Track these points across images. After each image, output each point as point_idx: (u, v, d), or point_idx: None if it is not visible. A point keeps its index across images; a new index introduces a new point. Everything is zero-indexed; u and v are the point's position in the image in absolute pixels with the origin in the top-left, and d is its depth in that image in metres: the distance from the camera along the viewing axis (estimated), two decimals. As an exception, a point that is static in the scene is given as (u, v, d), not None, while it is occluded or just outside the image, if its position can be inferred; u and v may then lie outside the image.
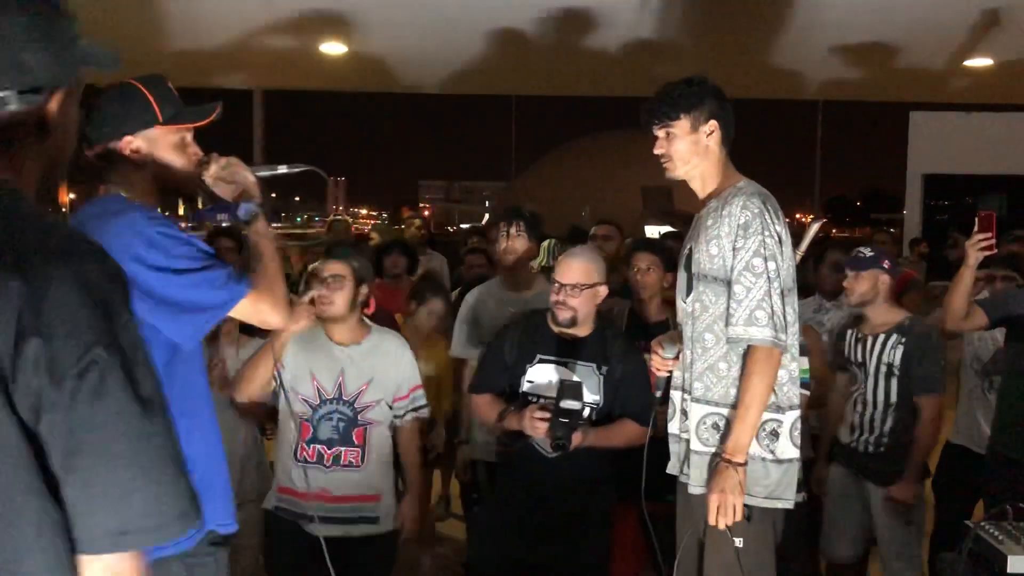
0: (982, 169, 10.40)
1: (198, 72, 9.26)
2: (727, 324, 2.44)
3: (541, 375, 3.09)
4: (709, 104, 2.56)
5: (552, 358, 3.08)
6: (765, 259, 2.40)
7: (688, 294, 2.58)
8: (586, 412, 3.03)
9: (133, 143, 2.05)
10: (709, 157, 2.58)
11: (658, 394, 2.78)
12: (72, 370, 1.03)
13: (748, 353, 2.44)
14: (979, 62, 8.26)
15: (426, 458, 4.09)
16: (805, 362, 3.46)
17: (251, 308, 2.01)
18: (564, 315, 3.06)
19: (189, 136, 2.13)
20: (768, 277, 2.40)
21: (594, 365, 3.08)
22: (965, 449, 4.05)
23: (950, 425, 4.28)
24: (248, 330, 3.91)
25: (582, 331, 3.11)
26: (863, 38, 7.54)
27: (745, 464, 2.43)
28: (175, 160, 2.09)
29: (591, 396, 3.05)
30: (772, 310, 2.39)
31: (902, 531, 3.63)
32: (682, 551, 2.65)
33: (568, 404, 2.84)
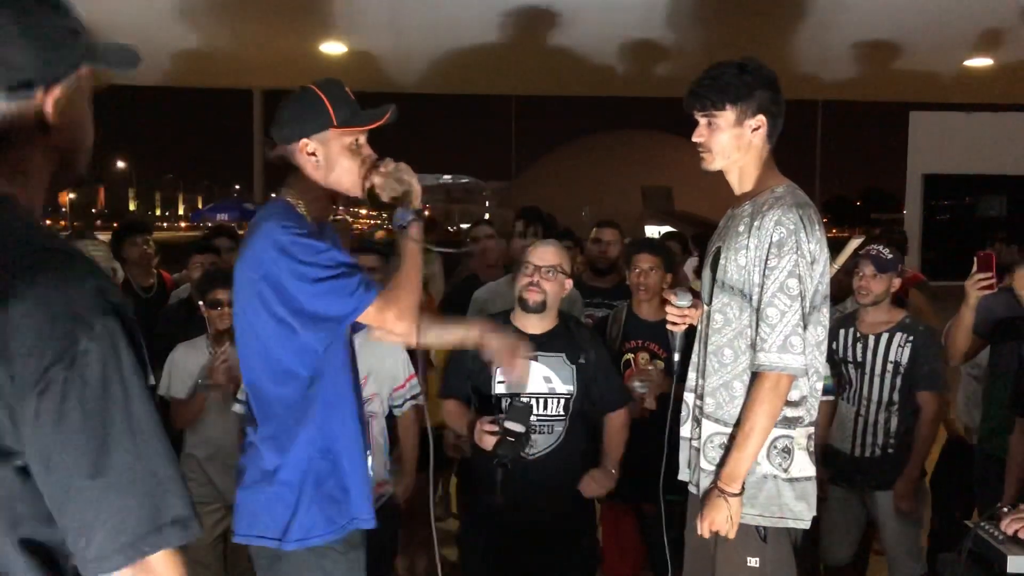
0: (982, 169, 10.40)
1: (198, 72, 9.27)
2: (758, 350, 2.29)
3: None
4: (760, 96, 2.35)
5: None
6: (800, 279, 2.26)
7: (711, 299, 2.44)
8: (560, 404, 3.03)
9: (308, 146, 2.12)
10: (751, 153, 2.39)
11: (676, 357, 2.62)
12: (31, 391, 1.01)
13: (756, 379, 2.30)
14: (979, 62, 8.27)
15: (446, 462, 4.09)
16: (827, 367, 3.45)
17: (377, 316, 2.05)
18: (536, 297, 3.03)
19: (363, 138, 2.17)
20: (802, 298, 2.27)
21: (563, 355, 3.07)
22: (964, 444, 4.05)
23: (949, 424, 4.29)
24: None
25: (546, 325, 3.10)
26: (863, 38, 7.54)
27: (739, 495, 2.31)
28: (347, 162, 2.13)
29: (565, 386, 3.05)
30: (803, 334, 2.27)
31: (909, 530, 3.64)
32: (690, 564, 2.57)
33: (512, 426, 2.79)
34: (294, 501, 2.09)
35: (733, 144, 2.37)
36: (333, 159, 2.13)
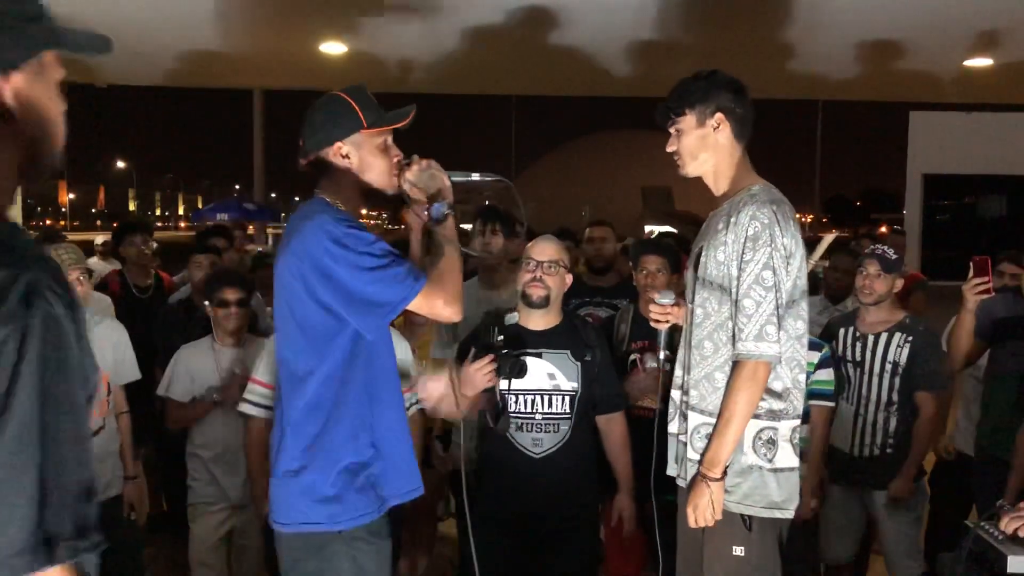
0: (982, 169, 10.40)
1: (198, 72, 9.27)
2: (736, 340, 2.38)
3: None
4: (716, 97, 2.47)
5: (521, 351, 3.02)
6: (774, 271, 2.35)
7: (694, 297, 2.53)
8: (565, 402, 3.03)
9: (342, 148, 2.22)
10: (719, 153, 2.50)
11: (661, 355, 2.73)
12: None
13: (734, 367, 2.39)
14: (979, 62, 8.27)
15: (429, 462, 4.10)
16: (830, 373, 3.47)
17: (425, 302, 2.15)
18: (539, 293, 3.03)
19: (390, 138, 2.29)
20: (776, 289, 2.35)
21: (568, 352, 3.06)
22: (963, 455, 4.04)
23: (949, 427, 4.28)
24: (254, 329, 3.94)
25: (550, 321, 3.09)
26: (863, 38, 7.54)
27: (721, 479, 2.39)
28: (379, 162, 2.25)
29: (569, 383, 3.04)
30: (779, 324, 2.35)
31: (907, 529, 3.64)
32: (683, 557, 2.62)
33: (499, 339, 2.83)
34: (329, 487, 2.16)
35: (699, 145, 2.50)
36: (366, 159, 2.24)
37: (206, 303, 3.76)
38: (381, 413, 2.23)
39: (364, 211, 2.83)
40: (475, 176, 2.43)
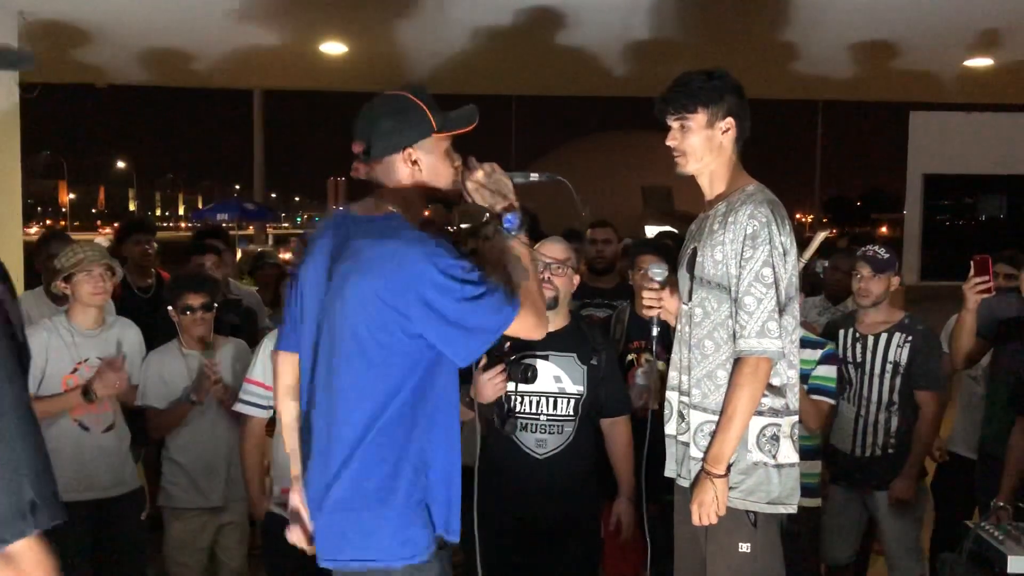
0: (982, 169, 10.40)
1: (198, 72, 9.26)
2: (737, 337, 2.39)
3: None
4: (728, 100, 2.48)
5: (529, 353, 3.03)
6: (774, 268, 2.37)
7: (690, 297, 2.55)
8: (570, 404, 3.03)
9: (413, 154, 2.08)
10: (721, 155, 2.51)
11: (654, 331, 2.73)
12: None
13: (736, 364, 2.40)
14: (979, 62, 8.25)
15: None
16: (832, 370, 3.48)
17: (520, 325, 2.06)
18: (547, 293, 3.00)
19: (450, 142, 2.16)
20: (776, 286, 2.37)
21: (574, 355, 3.06)
22: (964, 458, 4.04)
23: (949, 427, 4.27)
24: (221, 330, 3.90)
25: (557, 323, 3.08)
26: (863, 38, 7.53)
27: (725, 476, 2.40)
28: (445, 168, 2.14)
29: (575, 387, 3.03)
30: (780, 320, 2.38)
31: (908, 529, 3.65)
32: (681, 557, 2.63)
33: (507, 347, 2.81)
34: (390, 523, 2.03)
35: (705, 146, 2.49)
36: (434, 166, 2.11)
37: (169, 308, 3.67)
38: (443, 444, 2.10)
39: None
40: (533, 176, 2.33)
